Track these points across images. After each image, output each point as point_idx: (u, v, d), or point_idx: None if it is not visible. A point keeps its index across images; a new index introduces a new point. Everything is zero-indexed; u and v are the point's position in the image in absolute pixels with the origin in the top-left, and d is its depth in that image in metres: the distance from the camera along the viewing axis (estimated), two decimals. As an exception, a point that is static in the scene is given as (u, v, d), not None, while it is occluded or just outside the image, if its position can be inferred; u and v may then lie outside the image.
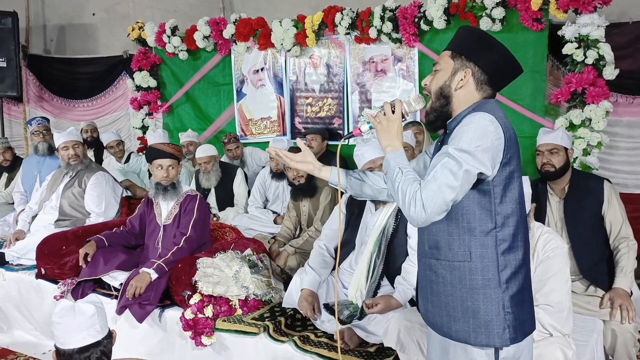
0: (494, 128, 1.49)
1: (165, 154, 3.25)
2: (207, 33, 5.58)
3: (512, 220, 1.56)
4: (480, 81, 1.62)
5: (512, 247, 1.56)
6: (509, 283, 1.55)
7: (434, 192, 1.47)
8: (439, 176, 1.48)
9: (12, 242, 3.86)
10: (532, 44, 4.15)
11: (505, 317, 1.54)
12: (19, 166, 4.99)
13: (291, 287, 2.87)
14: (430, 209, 1.47)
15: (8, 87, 6.47)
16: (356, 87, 5.12)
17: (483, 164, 1.48)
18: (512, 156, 1.53)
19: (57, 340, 1.79)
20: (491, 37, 1.66)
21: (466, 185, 1.49)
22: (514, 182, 1.56)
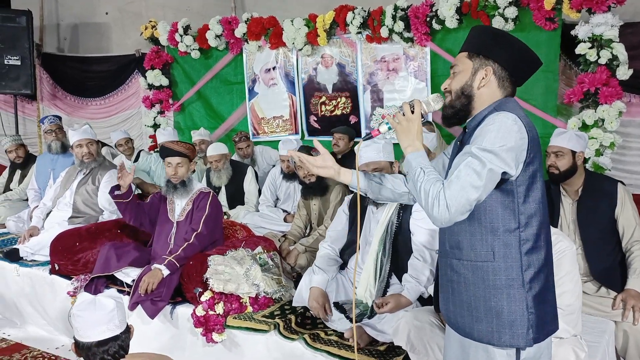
0: (517, 128, 1.49)
1: (174, 152, 3.28)
2: (219, 32, 5.61)
3: (536, 220, 1.56)
4: (501, 78, 1.62)
5: (535, 247, 1.56)
6: (532, 283, 1.55)
7: (457, 192, 1.47)
8: (462, 176, 1.47)
9: (26, 238, 3.91)
10: (545, 43, 4.12)
11: (529, 317, 1.53)
12: (32, 163, 5.05)
13: (301, 286, 2.88)
14: (454, 208, 1.46)
15: (22, 85, 6.53)
16: (368, 86, 5.12)
17: (507, 163, 1.47)
18: (535, 156, 1.53)
19: (77, 332, 1.83)
20: (506, 33, 1.66)
21: (490, 185, 1.49)
22: (537, 181, 1.56)
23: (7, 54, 6.38)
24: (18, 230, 4.44)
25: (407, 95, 4.91)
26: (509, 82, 1.62)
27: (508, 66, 1.61)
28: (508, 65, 1.61)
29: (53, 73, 7.16)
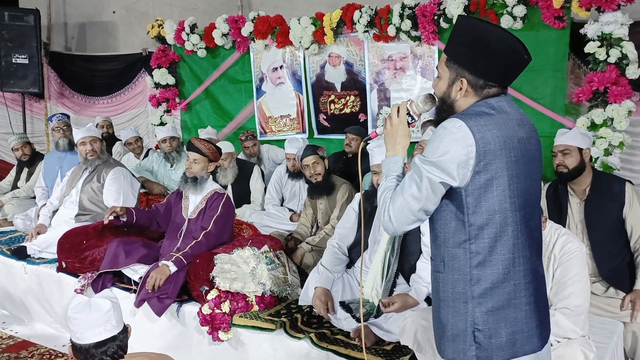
0: (461, 135, 1.42)
1: (194, 148, 3.36)
2: (226, 31, 5.61)
3: (489, 232, 1.46)
4: (478, 86, 1.52)
5: (487, 260, 1.47)
6: (483, 299, 1.47)
7: (400, 203, 1.49)
8: (405, 187, 1.49)
9: (33, 236, 3.92)
10: (554, 42, 4.10)
11: (474, 333, 1.47)
12: (39, 161, 5.07)
13: (307, 285, 2.88)
14: (396, 220, 1.49)
15: (30, 84, 6.57)
16: (375, 85, 5.10)
17: (447, 173, 1.43)
18: (489, 163, 1.43)
19: (74, 335, 1.81)
20: (485, 37, 1.49)
21: (433, 196, 1.46)
22: (491, 191, 1.45)
23: (15, 53, 6.42)
24: (25, 228, 4.46)
25: (414, 94, 4.89)
26: (488, 87, 1.52)
27: (485, 76, 1.51)
28: (485, 75, 1.51)
29: (60, 72, 7.19)
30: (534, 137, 1.56)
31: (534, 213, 1.54)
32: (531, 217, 1.52)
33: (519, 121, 1.51)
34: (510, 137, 1.46)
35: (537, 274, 1.53)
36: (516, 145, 1.47)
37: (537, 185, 1.57)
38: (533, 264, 1.51)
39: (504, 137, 1.45)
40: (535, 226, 1.55)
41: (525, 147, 1.50)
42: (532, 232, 1.52)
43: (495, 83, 1.51)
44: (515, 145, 1.47)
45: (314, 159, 3.69)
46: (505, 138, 1.45)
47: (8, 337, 3.59)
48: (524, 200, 1.49)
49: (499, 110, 1.49)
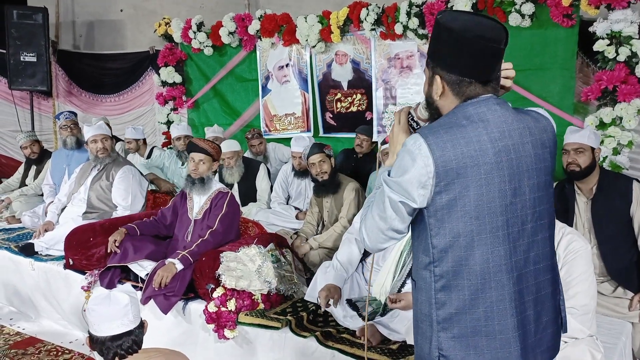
0: (419, 154, 1.32)
1: (198, 149, 3.34)
2: (233, 29, 5.61)
3: (452, 256, 1.36)
4: (454, 83, 1.40)
5: (452, 285, 1.37)
6: (448, 324, 1.38)
7: (370, 222, 1.46)
8: (374, 205, 1.45)
9: (41, 233, 3.95)
10: (562, 40, 4.07)
11: (440, 359, 1.40)
12: (47, 159, 5.10)
13: (314, 281, 2.88)
14: (369, 239, 1.47)
15: (38, 82, 6.60)
16: (381, 83, 5.09)
17: (407, 194, 1.36)
18: (450, 183, 1.32)
19: (91, 327, 1.83)
20: (452, 24, 1.37)
21: (396, 216, 1.40)
22: (455, 212, 1.34)
23: (23, 51, 6.45)
24: (33, 225, 4.49)
25: (421, 93, 4.86)
26: (466, 85, 1.39)
27: (456, 70, 1.38)
28: (455, 69, 1.39)
29: (68, 70, 7.22)
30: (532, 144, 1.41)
31: (523, 232, 1.39)
32: (519, 237, 1.39)
33: (503, 130, 1.37)
34: (482, 150, 1.33)
35: (521, 300, 1.39)
36: (491, 160, 1.34)
37: (533, 200, 1.41)
38: (514, 288, 1.37)
39: (474, 151, 1.33)
40: (526, 246, 1.40)
41: (512, 159, 1.36)
42: (519, 253, 1.39)
43: (469, 78, 1.38)
44: (490, 160, 1.34)
45: (320, 157, 3.68)
46: (474, 153, 1.33)
47: (15, 334, 3.61)
48: (506, 220, 1.36)
49: (473, 120, 1.36)
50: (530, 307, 1.42)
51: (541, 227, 1.43)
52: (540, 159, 1.42)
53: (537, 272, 1.43)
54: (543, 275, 1.45)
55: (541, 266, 1.44)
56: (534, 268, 1.42)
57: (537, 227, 1.42)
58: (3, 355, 3.26)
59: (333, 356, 2.47)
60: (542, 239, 1.44)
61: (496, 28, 1.37)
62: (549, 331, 1.46)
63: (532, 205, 1.40)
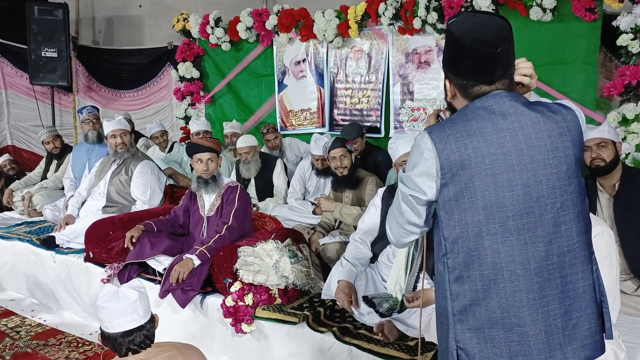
0: (422, 148, 1.41)
1: (204, 148, 3.32)
2: (250, 24, 5.62)
3: (462, 247, 1.39)
4: (462, 87, 1.45)
5: (463, 276, 1.39)
6: (463, 316, 1.39)
7: (391, 217, 1.55)
8: (394, 201, 1.53)
9: (62, 226, 4.01)
10: (585, 34, 4.01)
11: (457, 352, 1.40)
12: (68, 153, 5.17)
13: (330, 279, 2.87)
14: (391, 233, 1.55)
15: (59, 77, 6.68)
16: (398, 79, 5.05)
17: (416, 187, 1.43)
18: (455, 175, 1.37)
19: (102, 323, 1.85)
20: (455, 29, 1.41)
21: (410, 210, 1.47)
22: (462, 203, 1.37)
23: (44, 47, 6.53)
24: (54, 219, 4.56)
25: (439, 89, 4.83)
26: (473, 86, 1.43)
27: (461, 74, 1.44)
28: (460, 73, 1.44)
29: (88, 65, 7.31)
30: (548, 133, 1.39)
31: (541, 222, 1.37)
32: (536, 227, 1.37)
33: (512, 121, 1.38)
34: (486, 141, 1.36)
35: (541, 292, 1.37)
36: (496, 150, 1.36)
37: (552, 190, 1.38)
38: (532, 280, 1.36)
39: (477, 142, 1.36)
40: (546, 237, 1.37)
41: (522, 149, 1.37)
42: (538, 244, 1.37)
43: (472, 81, 1.42)
44: (495, 151, 1.36)
45: (341, 151, 3.67)
46: (477, 144, 1.36)
47: (37, 325, 3.68)
48: (518, 209, 1.36)
49: (479, 113, 1.39)
50: (554, 300, 1.38)
51: (565, 218, 1.40)
52: (559, 149, 1.40)
53: (563, 265, 1.40)
54: (570, 268, 1.40)
55: (567, 258, 1.40)
56: (557, 260, 1.39)
57: (559, 217, 1.39)
58: (25, 346, 3.32)
59: (350, 352, 2.46)
60: (567, 230, 1.40)
61: (496, 30, 1.38)
62: (582, 328, 1.41)
63: (551, 195, 1.38)
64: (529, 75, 1.48)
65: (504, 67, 1.42)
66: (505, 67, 1.42)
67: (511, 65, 1.44)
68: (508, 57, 1.42)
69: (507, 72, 1.43)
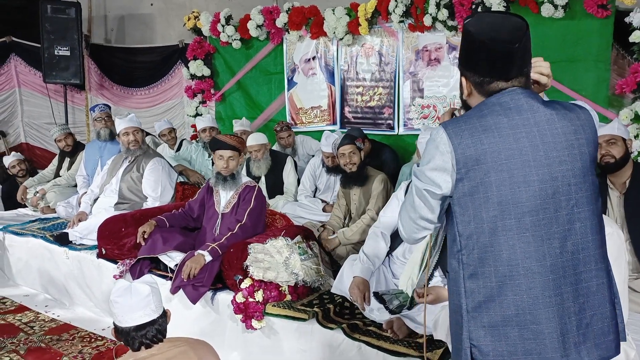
0: (437, 142, 1.41)
1: (227, 146, 3.32)
2: (260, 22, 5.64)
3: (477, 243, 1.38)
4: (478, 84, 1.46)
5: (478, 272, 1.39)
6: (477, 313, 1.39)
7: (404, 212, 1.55)
8: (407, 196, 1.54)
9: (75, 223, 4.06)
10: (597, 31, 3.97)
11: (471, 349, 1.39)
12: (80, 150, 5.22)
13: (341, 274, 2.88)
14: (403, 228, 1.55)
15: (72, 75, 6.74)
16: (408, 76, 5.05)
17: (432, 181, 1.43)
18: (471, 170, 1.37)
19: (115, 318, 1.88)
20: (471, 27, 1.43)
21: (423, 205, 1.47)
22: (478, 198, 1.37)
23: (57, 45, 6.58)
24: (67, 215, 4.61)
25: (449, 86, 4.82)
26: (489, 83, 1.44)
27: (477, 72, 1.44)
28: (476, 70, 1.45)
29: (100, 63, 7.36)
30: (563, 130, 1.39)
31: (556, 219, 1.37)
32: (552, 224, 1.37)
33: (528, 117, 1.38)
34: (502, 136, 1.36)
35: (557, 290, 1.36)
36: (512, 145, 1.36)
37: (567, 187, 1.38)
38: (547, 277, 1.35)
39: (492, 137, 1.36)
40: (561, 234, 1.37)
41: (538, 145, 1.37)
42: (553, 241, 1.37)
43: (488, 78, 1.43)
44: (511, 146, 1.36)
45: (350, 148, 3.67)
46: (493, 139, 1.36)
47: (50, 320, 3.73)
48: (534, 205, 1.35)
49: (494, 109, 1.40)
50: (569, 298, 1.38)
51: (580, 216, 1.40)
52: (574, 146, 1.40)
53: (577, 262, 1.40)
54: (584, 266, 1.40)
55: (581, 256, 1.40)
56: (572, 257, 1.39)
57: (573, 215, 1.39)
58: (39, 341, 3.37)
59: (360, 348, 2.48)
60: (582, 227, 1.40)
61: (513, 28, 1.39)
62: (596, 327, 1.41)
63: (566, 192, 1.39)
64: (546, 75, 1.49)
65: (520, 65, 1.43)
66: (522, 64, 1.43)
67: (528, 63, 1.45)
68: (525, 55, 1.43)
69: (523, 70, 1.44)
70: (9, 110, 7.34)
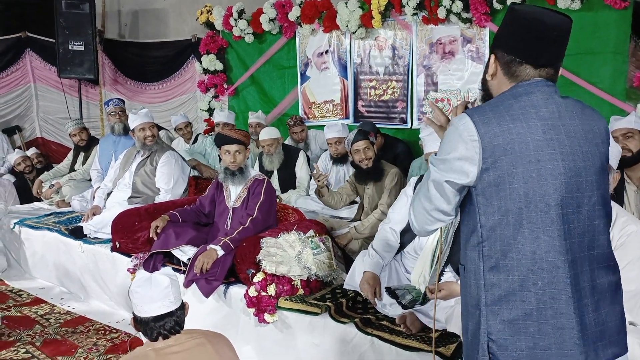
0: (462, 130, 1.36)
1: (232, 140, 3.33)
2: (273, 16, 5.62)
3: (500, 235, 1.35)
4: (506, 64, 1.42)
5: (500, 265, 1.35)
6: (497, 307, 1.36)
7: (417, 204, 1.50)
8: (420, 187, 1.49)
9: (89, 216, 4.09)
10: (614, 23, 3.90)
11: (488, 344, 1.37)
12: (94, 145, 5.26)
13: (353, 269, 2.87)
14: (416, 221, 1.51)
15: (86, 71, 6.79)
16: (422, 69, 5.01)
17: (454, 171, 1.37)
18: (498, 160, 1.33)
19: (135, 308, 1.90)
20: (517, 7, 1.44)
21: (440, 196, 1.42)
22: (504, 189, 1.34)
23: (71, 40, 6.63)
24: (82, 209, 4.65)
25: (463, 79, 4.77)
26: (518, 66, 1.41)
27: (512, 51, 1.41)
28: (511, 49, 1.41)
29: (114, 58, 7.40)
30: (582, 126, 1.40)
31: (578, 214, 1.36)
32: (574, 219, 1.35)
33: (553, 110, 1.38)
34: (530, 127, 1.34)
35: (577, 286, 1.35)
36: (540, 137, 1.34)
37: (590, 183, 1.38)
38: (569, 272, 1.34)
39: (521, 128, 1.34)
40: (581, 230, 1.36)
41: (563, 139, 1.36)
42: (574, 236, 1.35)
43: (520, 58, 1.40)
44: (539, 137, 1.34)
45: (365, 144, 3.65)
46: (522, 129, 1.34)
47: (66, 313, 3.77)
48: (560, 199, 1.33)
49: (521, 99, 1.38)
50: (587, 295, 1.37)
51: (597, 214, 1.40)
52: (592, 143, 1.41)
53: (592, 259, 1.39)
54: (598, 263, 1.40)
55: (596, 253, 1.40)
56: (588, 254, 1.38)
57: (593, 212, 1.39)
58: (54, 333, 3.42)
59: (372, 343, 2.47)
60: (598, 225, 1.40)
61: (561, 19, 1.39)
62: (610, 325, 1.41)
63: (589, 188, 1.38)
64: None
65: (553, 54, 1.42)
66: (555, 55, 1.42)
67: (560, 57, 1.44)
68: (561, 47, 1.42)
69: (554, 62, 1.43)
70: (24, 105, 7.43)
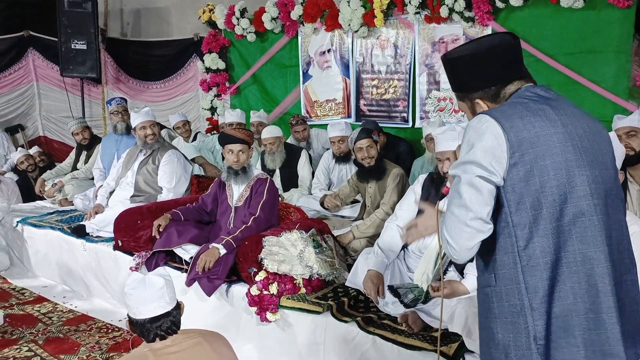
0: (486, 126, 1.33)
1: (236, 140, 3.33)
2: (275, 14, 5.62)
3: (535, 232, 1.31)
4: (494, 95, 1.44)
5: (540, 264, 1.31)
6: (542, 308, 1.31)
7: (450, 220, 1.37)
8: (450, 201, 1.39)
9: (92, 215, 4.10)
10: (617, 22, 3.89)
11: (538, 349, 1.31)
12: (97, 144, 5.27)
13: (355, 267, 2.87)
14: (453, 240, 1.36)
15: (88, 69, 6.80)
16: (424, 68, 5.00)
17: (483, 167, 1.32)
18: (525, 153, 1.31)
19: (130, 310, 1.88)
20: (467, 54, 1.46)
21: (478, 196, 1.33)
22: (532, 184, 1.31)
23: (74, 39, 6.64)
24: (84, 208, 4.66)
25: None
26: (504, 86, 1.44)
27: (491, 83, 1.43)
28: (490, 82, 1.44)
29: (116, 57, 7.41)
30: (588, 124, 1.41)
31: (605, 206, 1.34)
32: (602, 212, 1.33)
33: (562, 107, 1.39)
34: (550, 121, 1.34)
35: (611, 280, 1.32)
36: (561, 130, 1.34)
37: (610, 177, 1.38)
38: (604, 265, 1.31)
39: (542, 121, 1.34)
40: (608, 222, 1.34)
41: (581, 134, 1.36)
42: (602, 230, 1.32)
43: (503, 83, 1.43)
44: (561, 130, 1.34)
45: (368, 142, 3.65)
46: (543, 123, 1.33)
47: (68, 311, 3.78)
48: (590, 191, 1.32)
49: (533, 97, 1.39)
50: (620, 290, 1.34)
51: (618, 207, 1.40)
52: (600, 141, 1.41)
53: (621, 256, 1.38)
54: (623, 260, 1.38)
55: (622, 248, 1.39)
56: (618, 249, 1.37)
57: (615, 205, 1.39)
58: (57, 331, 3.42)
59: (374, 341, 2.47)
60: (623, 221, 1.41)
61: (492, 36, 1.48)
62: (636, 322, 1.39)
63: (610, 180, 1.39)
64: None
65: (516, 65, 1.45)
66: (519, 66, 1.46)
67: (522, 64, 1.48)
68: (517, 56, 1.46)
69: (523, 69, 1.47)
70: (27, 104, 7.44)
